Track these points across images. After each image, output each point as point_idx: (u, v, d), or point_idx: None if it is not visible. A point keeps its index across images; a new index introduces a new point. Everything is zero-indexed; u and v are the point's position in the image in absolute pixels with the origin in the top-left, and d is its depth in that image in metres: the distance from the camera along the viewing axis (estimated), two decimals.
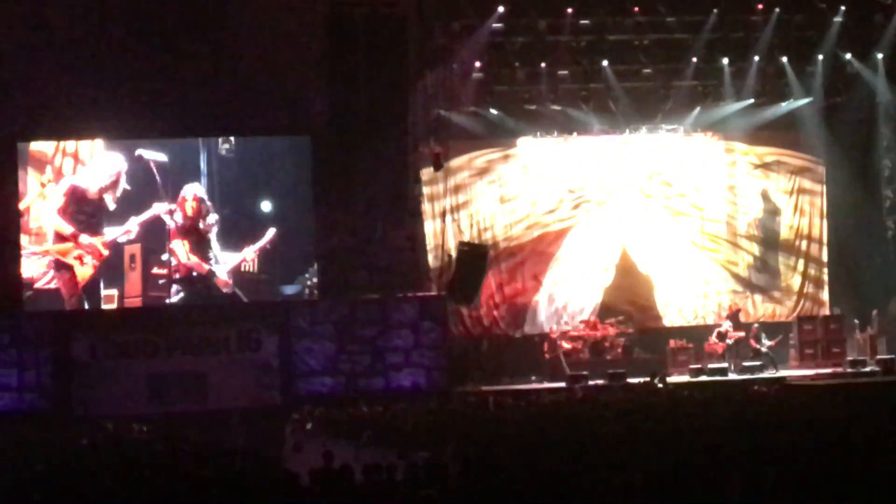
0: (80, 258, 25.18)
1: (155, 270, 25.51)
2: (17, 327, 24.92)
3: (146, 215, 25.26)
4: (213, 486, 11.45)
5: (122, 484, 11.86)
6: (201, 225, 25.48)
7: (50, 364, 24.72)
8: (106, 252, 25.28)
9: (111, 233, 25.28)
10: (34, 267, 25.26)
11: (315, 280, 26.05)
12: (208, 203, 25.56)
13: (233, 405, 24.36)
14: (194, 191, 25.53)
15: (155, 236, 25.40)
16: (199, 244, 25.53)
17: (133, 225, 25.25)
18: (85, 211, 25.28)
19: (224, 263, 25.63)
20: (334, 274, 26.20)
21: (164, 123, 25.47)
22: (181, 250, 25.42)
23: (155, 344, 25.04)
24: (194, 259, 25.47)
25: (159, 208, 25.26)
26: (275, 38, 26.02)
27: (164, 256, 25.40)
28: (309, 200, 26.16)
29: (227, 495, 11.14)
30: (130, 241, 25.35)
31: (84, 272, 25.23)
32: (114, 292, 25.38)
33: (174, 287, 25.48)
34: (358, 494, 10.93)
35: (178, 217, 25.39)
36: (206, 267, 25.54)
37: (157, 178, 25.26)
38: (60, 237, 25.21)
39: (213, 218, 25.54)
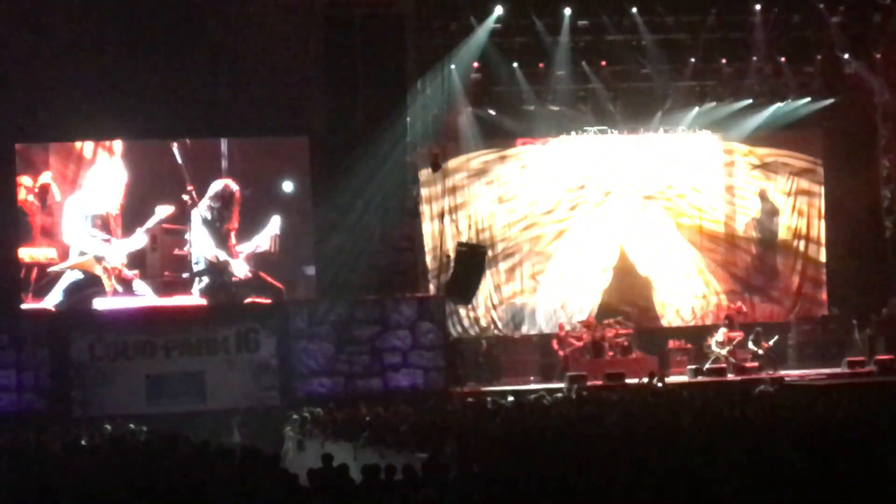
0: (106, 271, 25.17)
1: (176, 251, 25.53)
2: (16, 327, 24.86)
3: (152, 221, 25.26)
4: (212, 487, 11.45)
5: (122, 485, 11.86)
6: (225, 219, 25.50)
7: (48, 364, 24.67)
8: (131, 274, 25.30)
9: (122, 246, 25.25)
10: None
11: None
12: (237, 198, 25.59)
13: (231, 406, 24.39)
14: (223, 185, 25.59)
15: (177, 219, 25.41)
16: (219, 237, 25.56)
17: (141, 235, 25.24)
18: (97, 226, 25.25)
19: (240, 254, 25.65)
20: (333, 274, 26.20)
21: (161, 124, 25.43)
22: (200, 241, 25.43)
23: (153, 344, 25.04)
24: (210, 250, 25.48)
25: (162, 211, 25.27)
26: (272, 38, 26.00)
27: (186, 235, 25.47)
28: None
29: (226, 496, 11.14)
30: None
31: (112, 283, 25.25)
32: (136, 272, 25.37)
33: (196, 277, 25.51)
34: (356, 495, 10.93)
35: (204, 209, 25.40)
36: (222, 258, 25.55)
37: (179, 159, 25.29)
38: (83, 254, 25.22)
39: (237, 215, 25.59)
